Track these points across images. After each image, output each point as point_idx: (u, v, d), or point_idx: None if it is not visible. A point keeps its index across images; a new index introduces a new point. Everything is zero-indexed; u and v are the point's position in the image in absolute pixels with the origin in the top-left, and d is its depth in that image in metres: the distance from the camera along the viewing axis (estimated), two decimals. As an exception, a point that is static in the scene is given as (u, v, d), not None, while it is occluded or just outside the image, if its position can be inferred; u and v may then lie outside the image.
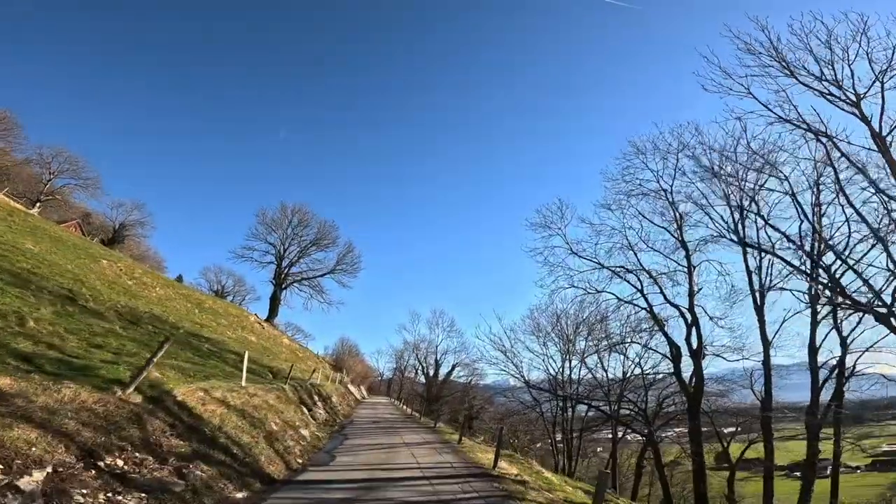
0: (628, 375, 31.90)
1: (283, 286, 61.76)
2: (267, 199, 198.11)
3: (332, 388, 26.57)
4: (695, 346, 22.79)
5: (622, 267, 25.18)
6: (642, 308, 24.73)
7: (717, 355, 23.98)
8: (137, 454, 5.37)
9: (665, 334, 24.15)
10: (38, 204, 47.96)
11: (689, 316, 22.90)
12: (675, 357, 23.60)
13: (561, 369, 42.14)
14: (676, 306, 23.68)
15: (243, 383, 10.33)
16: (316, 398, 17.27)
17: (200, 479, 5.56)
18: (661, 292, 24.22)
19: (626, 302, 24.80)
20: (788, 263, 17.56)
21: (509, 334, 31.60)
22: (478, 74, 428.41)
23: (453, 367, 54.06)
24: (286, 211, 64.67)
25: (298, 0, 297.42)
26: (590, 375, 38.06)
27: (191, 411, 7.13)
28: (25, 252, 18.83)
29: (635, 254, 24.94)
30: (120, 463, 4.95)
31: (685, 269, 23.50)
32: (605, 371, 34.41)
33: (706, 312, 23.28)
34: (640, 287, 24.53)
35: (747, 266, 21.44)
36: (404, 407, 33.66)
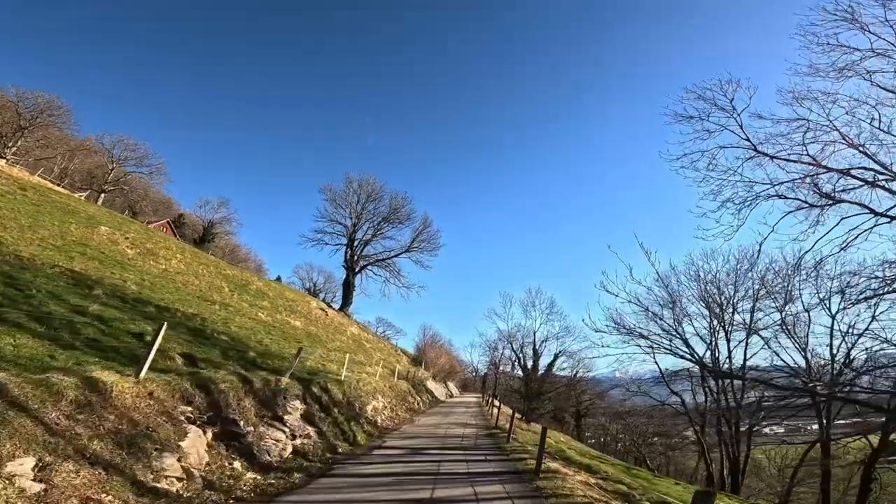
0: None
1: (356, 270, 55.60)
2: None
3: (380, 385, 18.33)
4: None
5: (866, 168, 13.63)
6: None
7: None
8: None
9: None
10: (102, 194, 46.05)
11: None
12: None
13: (713, 348, 30.32)
14: None
15: None
16: (288, 408, 8.75)
17: None
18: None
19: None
20: None
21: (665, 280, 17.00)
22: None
23: (556, 357, 43.56)
24: (352, 184, 57.16)
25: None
26: (757, 358, 26.59)
27: None
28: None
29: (870, 157, 13.38)
30: None
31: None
32: (804, 350, 22.25)
33: None
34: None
35: None
36: (494, 410, 24.51)
